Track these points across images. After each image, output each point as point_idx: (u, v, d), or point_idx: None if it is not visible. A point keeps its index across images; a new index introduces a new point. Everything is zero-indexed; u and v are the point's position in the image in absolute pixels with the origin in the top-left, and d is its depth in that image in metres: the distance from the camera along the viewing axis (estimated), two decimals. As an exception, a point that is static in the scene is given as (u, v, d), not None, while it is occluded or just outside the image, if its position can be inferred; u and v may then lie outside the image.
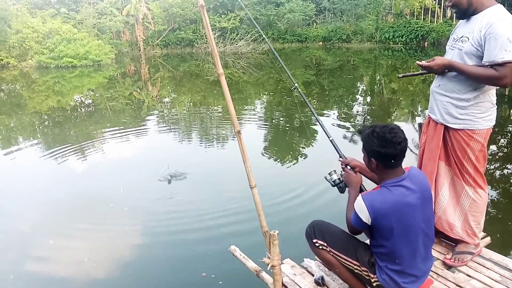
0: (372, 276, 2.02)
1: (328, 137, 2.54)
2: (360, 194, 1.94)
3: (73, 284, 3.29)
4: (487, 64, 2.20)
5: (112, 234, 4.01)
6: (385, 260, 1.96)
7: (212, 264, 3.40)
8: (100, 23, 26.11)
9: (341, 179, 2.32)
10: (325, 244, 2.13)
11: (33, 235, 4.05)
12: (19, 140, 7.69)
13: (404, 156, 1.92)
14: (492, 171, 5.24)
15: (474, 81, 2.29)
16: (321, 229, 2.17)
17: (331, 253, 2.13)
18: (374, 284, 2.03)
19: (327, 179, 2.37)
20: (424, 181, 2.00)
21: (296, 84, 2.79)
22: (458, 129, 2.41)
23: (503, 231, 3.87)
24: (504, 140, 6.72)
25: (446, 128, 2.47)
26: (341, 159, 2.37)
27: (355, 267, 2.08)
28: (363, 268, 2.05)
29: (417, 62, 2.41)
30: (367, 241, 2.19)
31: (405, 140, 1.89)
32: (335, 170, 2.35)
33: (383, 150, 1.86)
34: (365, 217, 1.87)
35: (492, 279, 2.39)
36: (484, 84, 2.30)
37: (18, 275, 3.42)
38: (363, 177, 2.25)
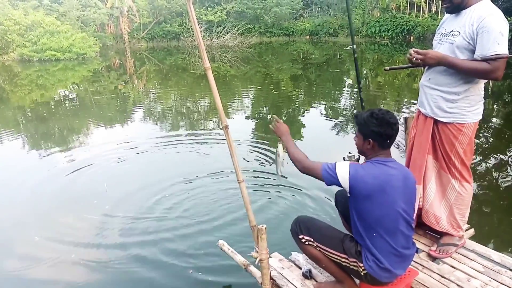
0: (360, 265, 2.05)
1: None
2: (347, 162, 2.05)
3: (60, 280, 3.25)
4: (480, 58, 2.21)
5: (97, 230, 3.96)
6: (370, 237, 1.98)
7: (200, 259, 3.39)
8: (84, 15, 25.65)
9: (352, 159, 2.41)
10: (312, 240, 2.15)
11: (18, 232, 3.98)
12: (2, 135, 7.53)
13: (395, 138, 2.06)
14: (476, 164, 5.33)
15: (466, 75, 2.30)
16: (306, 224, 2.20)
17: (318, 248, 2.14)
18: (362, 274, 2.06)
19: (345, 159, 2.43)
20: (408, 174, 2.07)
21: (354, 46, 2.82)
22: (447, 123, 2.43)
23: (486, 222, 3.95)
24: (488, 134, 6.83)
25: (435, 121, 2.49)
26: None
27: (343, 259, 2.10)
28: (352, 260, 2.07)
29: (413, 49, 2.38)
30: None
31: (398, 123, 2.05)
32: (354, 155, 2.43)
33: (382, 130, 1.99)
34: (344, 172, 1.96)
35: (476, 270, 2.44)
36: (476, 77, 2.32)
37: (3, 273, 3.36)
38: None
